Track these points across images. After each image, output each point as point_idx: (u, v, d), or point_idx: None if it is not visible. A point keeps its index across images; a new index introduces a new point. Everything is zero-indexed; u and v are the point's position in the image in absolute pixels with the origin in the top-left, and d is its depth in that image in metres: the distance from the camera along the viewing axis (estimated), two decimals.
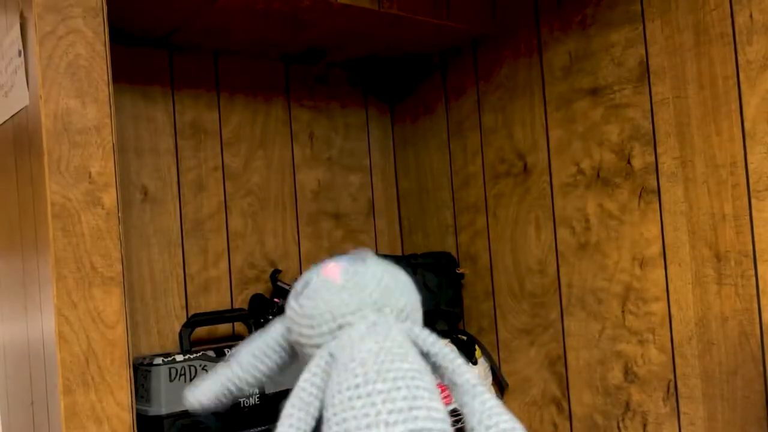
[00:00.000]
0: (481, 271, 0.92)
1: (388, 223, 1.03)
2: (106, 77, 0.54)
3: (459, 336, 0.88)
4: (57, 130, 0.52)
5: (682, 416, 0.72)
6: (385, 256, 0.97)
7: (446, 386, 0.36)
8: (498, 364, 0.90)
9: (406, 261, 0.91)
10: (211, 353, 0.72)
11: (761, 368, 0.65)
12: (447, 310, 0.90)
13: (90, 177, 0.53)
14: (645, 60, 0.73)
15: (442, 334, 0.88)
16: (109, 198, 0.54)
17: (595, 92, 0.78)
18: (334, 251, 0.96)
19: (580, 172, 0.80)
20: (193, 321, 0.75)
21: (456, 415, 0.77)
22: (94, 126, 0.54)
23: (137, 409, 0.69)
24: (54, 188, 0.52)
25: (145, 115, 0.83)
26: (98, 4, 0.54)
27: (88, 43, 0.54)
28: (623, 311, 0.76)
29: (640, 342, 0.75)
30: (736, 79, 0.66)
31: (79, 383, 0.51)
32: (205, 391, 0.41)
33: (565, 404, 0.83)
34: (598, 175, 0.78)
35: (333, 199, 0.98)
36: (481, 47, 0.91)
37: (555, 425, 0.84)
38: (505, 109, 0.88)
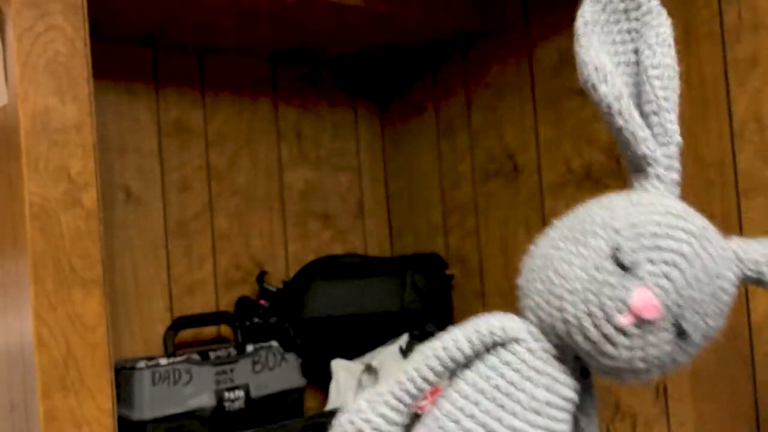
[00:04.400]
0: (471, 273, 0.91)
1: (377, 224, 1.02)
2: (86, 75, 0.53)
3: None
4: (35, 128, 0.51)
5: (671, 417, 0.72)
6: (374, 258, 0.96)
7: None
8: None
9: (394, 263, 0.90)
10: (195, 356, 0.71)
11: (750, 368, 0.65)
12: (436, 312, 0.90)
13: (69, 177, 0.52)
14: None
15: (431, 336, 0.87)
16: (90, 198, 0.53)
17: (584, 91, 0.78)
18: (322, 252, 0.96)
19: (570, 171, 0.80)
20: (178, 324, 0.74)
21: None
22: (74, 125, 0.53)
23: (120, 414, 0.68)
24: (32, 188, 0.51)
25: (129, 113, 0.82)
26: (79, 0, 0.53)
27: (68, 39, 0.53)
28: None
29: None
30: (724, 78, 0.66)
31: (59, 387, 0.50)
32: None
33: None
34: (588, 175, 0.78)
35: (321, 199, 0.97)
36: (471, 46, 0.90)
37: None
38: (495, 108, 0.88)
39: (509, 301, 0.87)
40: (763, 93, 0.63)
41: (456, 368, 0.34)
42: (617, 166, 0.75)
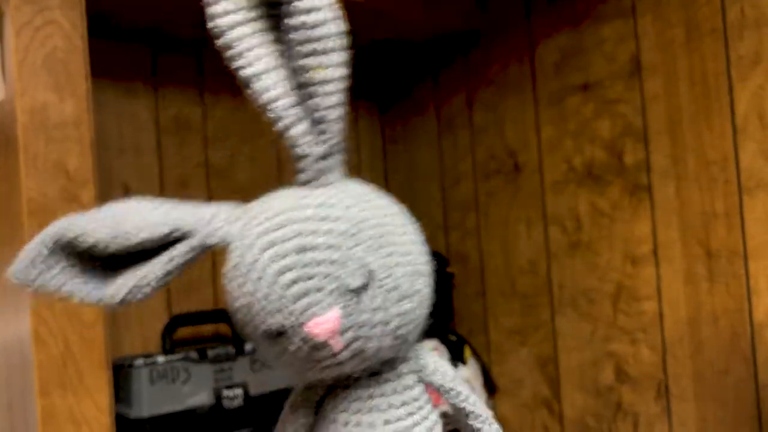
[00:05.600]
0: (472, 271, 0.91)
1: None
2: (84, 71, 0.53)
3: (449, 337, 0.87)
4: (33, 125, 0.51)
5: (673, 416, 0.71)
6: None
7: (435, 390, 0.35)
8: (488, 366, 0.89)
9: None
10: (193, 354, 0.71)
11: (752, 368, 0.65)
12: (436, 310, 0.89)
13: (67, 173, 0.52)
14: (636, 55, 0.73)
15: (431, 334, 0.87)
16: (87, 195, 0.52)
17: (586, 88, 0.78)
18: None
19: (572, 169, 0.79)
20: (176, 321, 0.73)
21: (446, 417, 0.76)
22: (72, 121, 0.52)
23: (118, 412, 0.68)
24: (30, 185, 0.50)
25: (127, 111, 0.82)
26: None
27: (66, 35, 0.53)
28: (615, 310, 0.75)
29: (632, 342, 0.74)
30: (727, 75, 0.66)
31: (57, 385, 0.50)
32: None
33: (556, 406, 0.82)
34: (590, 173, 0.78)
35: None
36: (472, 44, 0.90)
37: (546, 428, 0.83)
38: (496, 106, 0.87)
39: (509, 300, 0.86)
40: (766, 90, 0.63)
41: None
42: (619, 164, 0.75)
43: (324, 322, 0.29)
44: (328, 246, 0.30)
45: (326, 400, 0.34)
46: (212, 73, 0.88)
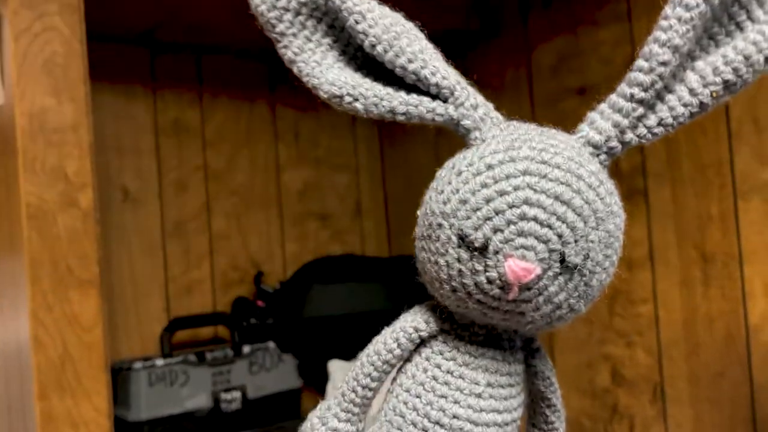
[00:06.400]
0: None
1: (375, 223, 1.02)
2: (83, 75, 0.53)
3: None
4: (32, 129, 0.51)
5: (669, 419, 0.72)
6: (372, 258, 0.96)
7: None
8: None
9: (393, 263, 0.90)
10: (192, 357, 0.71)
11: (747, 370, 0.65)
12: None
13: (66, 177, 0.52)
14: (633, 59, 0.73)
15: None
16: (86, 198, 0.52)
17: (583, 91, 0.78)
18: (320, 253, 0.96)
19: None
20: (174, 324, 0.74)
21: None
22: (71, 125, 0.53)
23: (116, 415, 0.68)
24: (29, 189, 0.50)
25: (126, 113, 0.82)
26: (76, 0, 0.53)
27: (65, 40, 0.53)
28: (611, 313, 0.76)
29: (628, 344, 0.74)
30: None
31: (55, 388, 0.50)
32: None
33: None
34: None
35: (319, 199, 0.97)
36: (469, 47, 0.90)
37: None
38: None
39: None
40: (760, 95, 0.63)
41: (393, 368, 0.34)
42: (615, 168, 0.75)
43: (524, 269, 0.28)
44: (582, 216, 0.29)
45: (431, 342, 0.33)
46: (211, 76, 0.89)
